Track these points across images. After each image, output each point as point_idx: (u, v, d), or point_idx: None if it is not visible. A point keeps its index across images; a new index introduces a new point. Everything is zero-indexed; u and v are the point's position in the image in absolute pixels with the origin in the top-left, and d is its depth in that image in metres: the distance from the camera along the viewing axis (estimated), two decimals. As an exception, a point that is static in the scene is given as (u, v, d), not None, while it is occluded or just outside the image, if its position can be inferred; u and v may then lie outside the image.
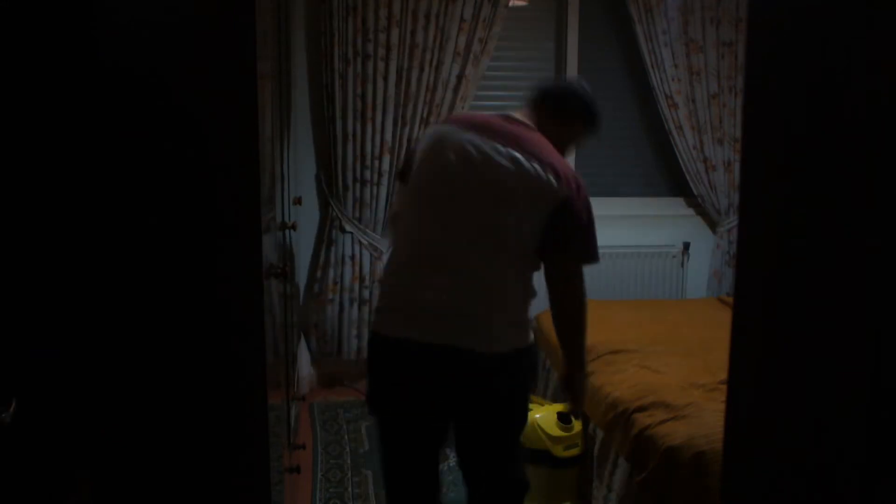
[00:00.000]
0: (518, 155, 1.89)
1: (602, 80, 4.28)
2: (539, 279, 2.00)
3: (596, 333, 3.11)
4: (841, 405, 0.84)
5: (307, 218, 3.98)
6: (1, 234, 1.25)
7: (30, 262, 1.39)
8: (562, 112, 2.06)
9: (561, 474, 2.66)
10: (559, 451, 2.63)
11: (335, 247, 3.95)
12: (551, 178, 1.88)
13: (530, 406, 2.14)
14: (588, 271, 1.99)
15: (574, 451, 2.66)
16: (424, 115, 3.87)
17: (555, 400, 3.09)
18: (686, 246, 4.32)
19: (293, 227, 2.94)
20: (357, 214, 3.92)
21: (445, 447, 2.11)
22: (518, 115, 2.03)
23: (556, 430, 2.63)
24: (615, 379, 2.68)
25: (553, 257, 1.95)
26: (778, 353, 0.94)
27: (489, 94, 4.18)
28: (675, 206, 4.41)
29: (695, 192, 4.27)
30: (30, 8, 1.34)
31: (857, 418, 0.82)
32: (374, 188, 3.90)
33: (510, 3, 3.92)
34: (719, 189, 4.24)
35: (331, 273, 3.96)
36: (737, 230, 1.18)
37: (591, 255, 1.97)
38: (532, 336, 2.03)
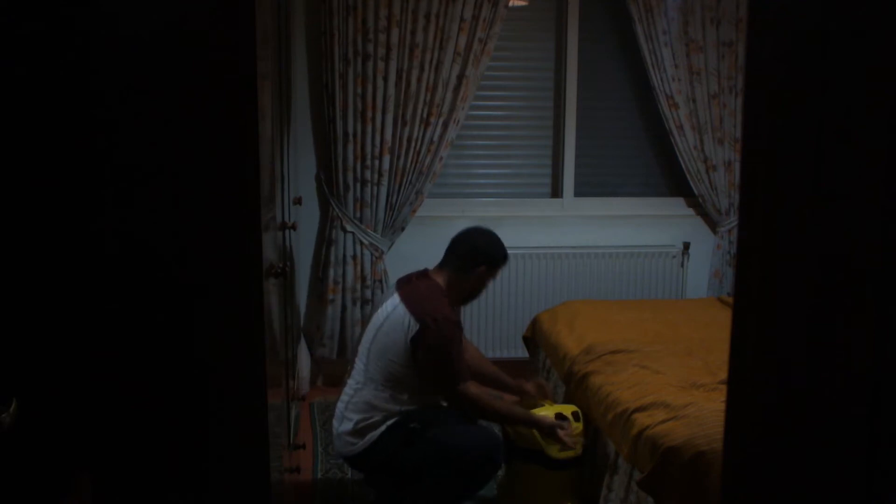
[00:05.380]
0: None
1: (602, 80, 4.29)
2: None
3: (596, 333, 3.12)
4: (842, 405, 0.84)
5: (307, 218, 3.98)
6: (1, 235, 1.25)
7: (29, 261, 1.39)
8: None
9: (556, 476, 2.65)
10: (554, 452, 2.63)
11: (335, 246, 3.95)
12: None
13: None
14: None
15: (571, 453, 2.65)
16: (424, 115, 3.88)
17: (553, 401, 3.09)
18: (686, 246, 4.32)
19: (293, 227, 2.93)
20: (358, 214, 3.93)
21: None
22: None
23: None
24: (615, 379, 2.67)
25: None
26: (778, 353, 0.93)
27: (489, 94, 4.18)
28: (675, 206, 4.41)
29: (695, 192, 4.27)
30: (29, 7, 1.34)
31: (858, 418, 0.82)
32: (375, 188, 3.90)
33: (510, 3, 3.92)
34: (719, 189, 4.24)
35: (331, 273, 3.96)
36: (737, 230, 1.18)
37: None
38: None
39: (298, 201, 3.53)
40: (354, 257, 3.96)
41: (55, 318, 1.46)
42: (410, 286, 2.62)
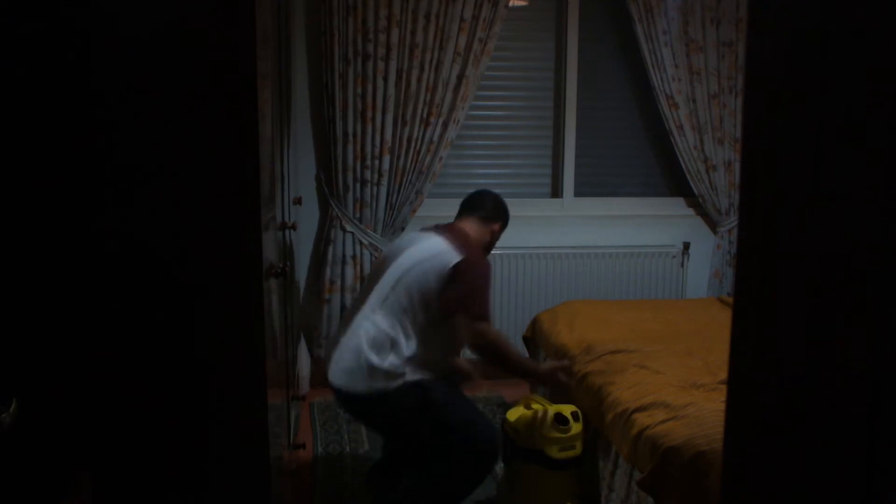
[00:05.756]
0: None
1: (602, 80, 4.28)
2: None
3: (596, 333, 3.11)
4: (842, 405, 0.84)
5: (307, 218, 3.98)
6: (1, 235, 1.25)
7: (29, 261, 1.39)
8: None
9: (556, 476, 2.65)
10: (554, 453, 2.62)
11: (333, 246, 3.95)
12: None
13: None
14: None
15: (571, 453, 2.65)
16: (424, 115, 3.88)
17: (553, 401, 3.09)
18: (686, 246, 4.32)
19: (293, 227, 2.94)
20: (357, 214, 3.93)
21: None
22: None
23: (551, 431, 2.62)
24: (615, 379, 2.67)
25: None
26: (777, 353, 0.93)
27: (489, 94, 4.18)
28: (675, 206, 4.41)
29: (695, 192, 4.27)
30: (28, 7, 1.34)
31: (858, 418, 0.82)
32: (375, 188, 3.90)
33: (510, 3, 3.92)
34: (720, 189, 4.24)
35: (328, 272, 3.96)
36: (737, 230, 1.18)
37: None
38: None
39: (298, 201, 3.54)
40: (354, 257, 3.96)
41: (55, 318, 1.46)
42: (447, 229, 2.68)
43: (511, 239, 4.20)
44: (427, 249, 2.60)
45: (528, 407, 2.74)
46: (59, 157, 1.43)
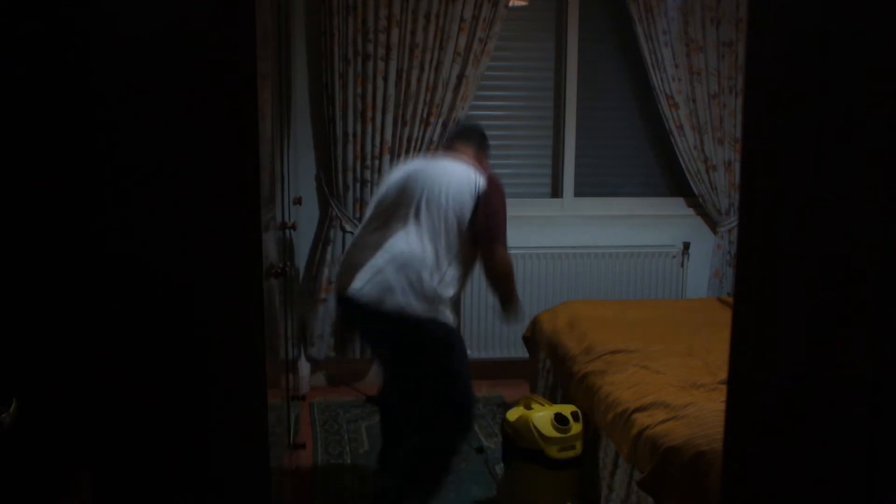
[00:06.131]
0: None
1: (602, 80, 4.28)
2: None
3: (596, 333, 3.11)
4: (842, 405, 0.84)
5: (307, 218, 3.98)
6: (1, 235, 1.25)
7: (29, 261, 1.39)
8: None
9: (555, 476, 2.65)
10: (553, 453, 2.63)
11: (332, 246, 3.95)
12: None
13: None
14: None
15: (570, 453, 2.65)
16: (424, 115, 3.87)
17: (554, 401, 3.09)
18: (686, 246, 4.32)
19: (293, 227, 2.94)
20: (357, 214, 3.92)
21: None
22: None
23: (551, 431, 2.62)
24: (615, 379, 2.67)
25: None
26: (777, 353, 0.93)
27: (489, 94, 4.18)
28: (675, 206, 4.41)
29: (695, 191, 4.27)
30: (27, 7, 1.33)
31: (858, 418, 0.82)
32: (375, 188, 3.90)
33: (510, 3, 3.92)
34: (720, 189, 4.24)
35: (325, 273, 3.96)
36: (737, 230, 1.18)
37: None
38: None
39: (298, 201, 3.54)
40: (354, 257, 3.96)
41: (55, 317, 1.46)
42: (460, 154, 2.72)
43: (511, 239, 4.19)
44: (458, 173, 2.59)
45: (528, 407, 2.74)
46: (59, 157, 1.43)
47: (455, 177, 2.58)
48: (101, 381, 1.53)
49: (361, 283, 2.48)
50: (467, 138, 2.81)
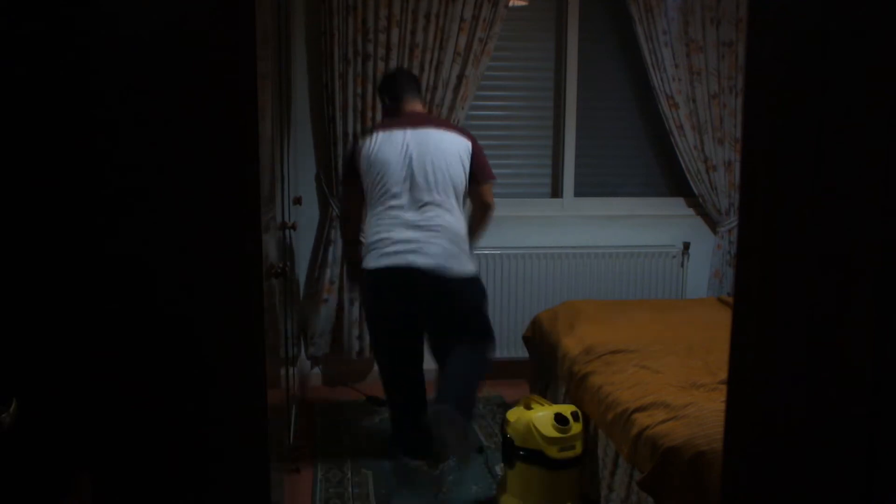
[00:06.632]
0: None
1: (602, 80, 4.28)
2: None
3: (596, 333, 3.12)
4: (842, 405, 0.84)
5: (307, 218, 3.97)
6: (2, 235, 1.25)
7: (29, 261, 1.39)
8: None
9: (555, 476, 2.65)
10: (553, 453, 2.62)
11: (333, 246, 3.95)
12: None
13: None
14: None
15: (571, 453, 2.65)
16: (424, 115, 3.87)
17: (554, 401, 3.09)
18: (686, 246, 4.32)
19: (293, 227, 2.94)
20: (357, 214, 3.92)
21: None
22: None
23: (551, 432, 2.62)
24: (615, 379, 2.67)
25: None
26: (777, 353, 0.93)
27: (489, 94, 4.18)
28: (675, 206, 4.41)
29: (695, 191, 4.27)
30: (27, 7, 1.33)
31: (858, 418, 0.82)
32: (374, 188, 3.90)
33: (510, 3, 3.92)
34: (720, 189, 4.24)
35: (327, 273, 3.96)
36: (737, 230, 1.18)
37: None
38: None
39: (298, 201, 3.54)
40: (354, 257, 3.96)
41: (55, 317, 1.46)
42: (429, 116, 3.23)
43: (511, 239, 4.22)
44: (451, 140, 2.98)
45: (528, 407, 2.74)
46: (59, 158, 1.43)
47: (452, 151, 2.96)
48: (101, 381, 1.53)
49: (425, 258, 2.87)
50: (414, 92, 3.14)
